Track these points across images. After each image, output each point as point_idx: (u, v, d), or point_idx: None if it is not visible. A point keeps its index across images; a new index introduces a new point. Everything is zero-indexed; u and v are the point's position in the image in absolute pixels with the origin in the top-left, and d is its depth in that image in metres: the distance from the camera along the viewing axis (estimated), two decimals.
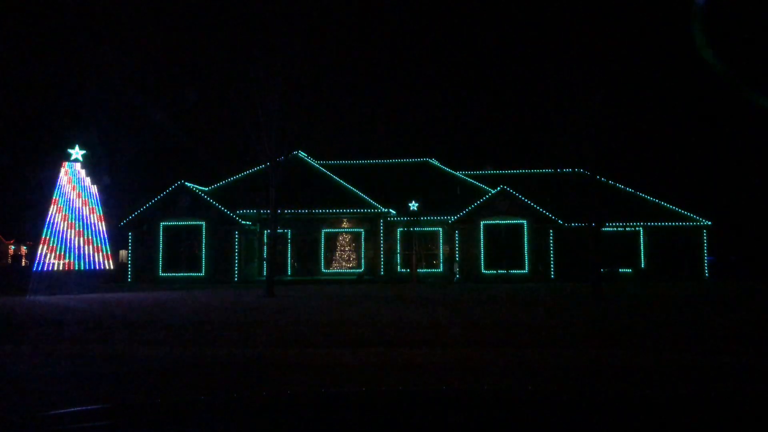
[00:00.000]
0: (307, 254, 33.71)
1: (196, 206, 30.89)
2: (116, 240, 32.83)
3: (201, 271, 30.68)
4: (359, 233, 33.34)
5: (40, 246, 23.91)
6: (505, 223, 30.74)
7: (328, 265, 33.52)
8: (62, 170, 24.42)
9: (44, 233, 23.72)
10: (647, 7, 19.43)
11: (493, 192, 31.13)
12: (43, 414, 1.82)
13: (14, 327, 12.24)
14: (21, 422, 1.84)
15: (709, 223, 31.61)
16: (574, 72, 19.10)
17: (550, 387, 3.92)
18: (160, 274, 30.51)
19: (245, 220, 31.17)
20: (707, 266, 31.26)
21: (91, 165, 25.28)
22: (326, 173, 34.42)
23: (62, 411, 1.87)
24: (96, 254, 24.71)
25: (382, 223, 32.20)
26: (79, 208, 24.49)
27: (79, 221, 24.45)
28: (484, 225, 30.80)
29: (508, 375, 7.83)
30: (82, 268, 23.99)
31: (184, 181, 31.08)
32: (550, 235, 30.68)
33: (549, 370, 8.04)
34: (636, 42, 18.50)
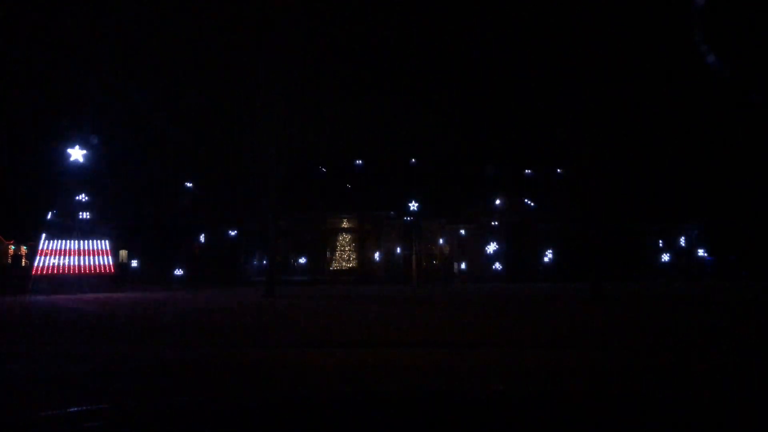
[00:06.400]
0: (307, 254, 33.72)
1: (196, 206, 30.92)
2: (116, 240, 32.85)
3: (201, 271, 30.68)
4: (359, 233, 33.36)
5: (40, 246, 23.92)
6: (505, 223, 30.74)
7: (328, 265, 33.55)
8: (62, 170, 24.42)
9: (44, 233, 23.73)
10: (646, 6, 19.43)
11: (493, 192, 31.16)
12: (43, 414, 1.82)
13: (14, 327, 12.23)
14: (21, 422, 1.84)
15: (709, 223, 31.62)
16: (574, 72, 19.10)
17: (549, 387, 3.93)
18: (161, 273, 30.51)
19: (246, 221, 31.18)
20: (707, 266, 31.29)
21: (91, 165, 25.29)
22: (327, 174, 34.46)
23: (62, 411, 1.87)
24: (96, 254, 24.70)
25: (382, 223, 32.21)
26: (79, 208, 24.50)
27: (78, 221, 24.46)
28: (484, 225, 30.81)
29: (508, 375, 7.82)
30: (82, 268, 23.99)
31: (185, 182, 31.12)
32: (549, 235, 30.68)
33: (549, 371, 8.04)
34: (635, 42, 18.48)
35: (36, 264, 23.57)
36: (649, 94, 20.21)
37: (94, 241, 24.56)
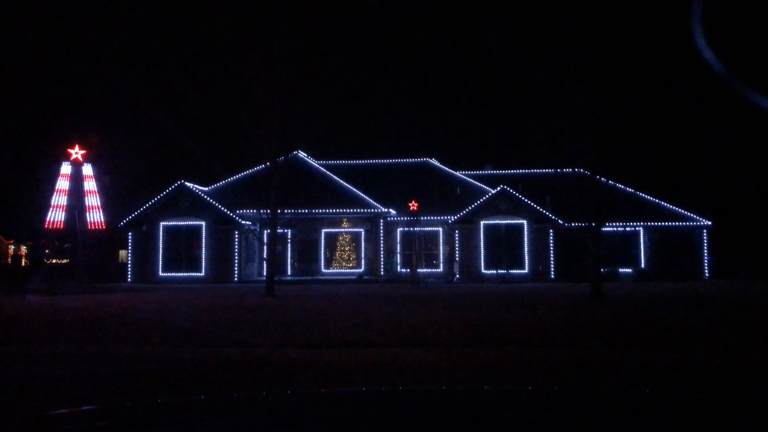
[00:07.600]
0: (307, 254, 33.71)
1: (196, 206, 30.88)
2: (116, 240, 32.84)
3: (201, 271, 30.67)
4: (359, 233, 33.35)
5: (40, 246, 23.92)
6: (505, 223, 30.73)
7: (328, 265, 33.52)
8: (62, 170, 24.43)
9: (44, 233, 23.73)
10: (647, 6, 19.43)
11: (493, 192, 31.10)
12: (43, 414, 1.82)
13: (14, 327, 12.23)
14: (21, 422, 1.84)
15: (709, 223, 31.59)
16: (574, 71, 19.08)
17: (549, 387, 3.93)
18: (160, 274, 30.49)
19: (245, 220, 31.15)
20: (707, 266, 31.25)
21: (91, 164, 25.27)
22: (326, 173, 34.41)
23: (62, 411, 1.87)
24: (96, 254, 24.70)
25: (382, 223, 32.18)
26: (79, 208, 24.50)
27: (78, 221, 24.46)
28: (484, 225, 30.79)
29: (507, 375, 7.83)
30: (82, 268, 24.00)
31: (184, 181, 31.07)
32: (550, 235, 30.66)
33: (548, 371, 8.05)
34: (635, 41, 18.47)
35: (36, 264, 23.59)
36: (649, 93, 20.19)
37: (94, 240, 24.61)
